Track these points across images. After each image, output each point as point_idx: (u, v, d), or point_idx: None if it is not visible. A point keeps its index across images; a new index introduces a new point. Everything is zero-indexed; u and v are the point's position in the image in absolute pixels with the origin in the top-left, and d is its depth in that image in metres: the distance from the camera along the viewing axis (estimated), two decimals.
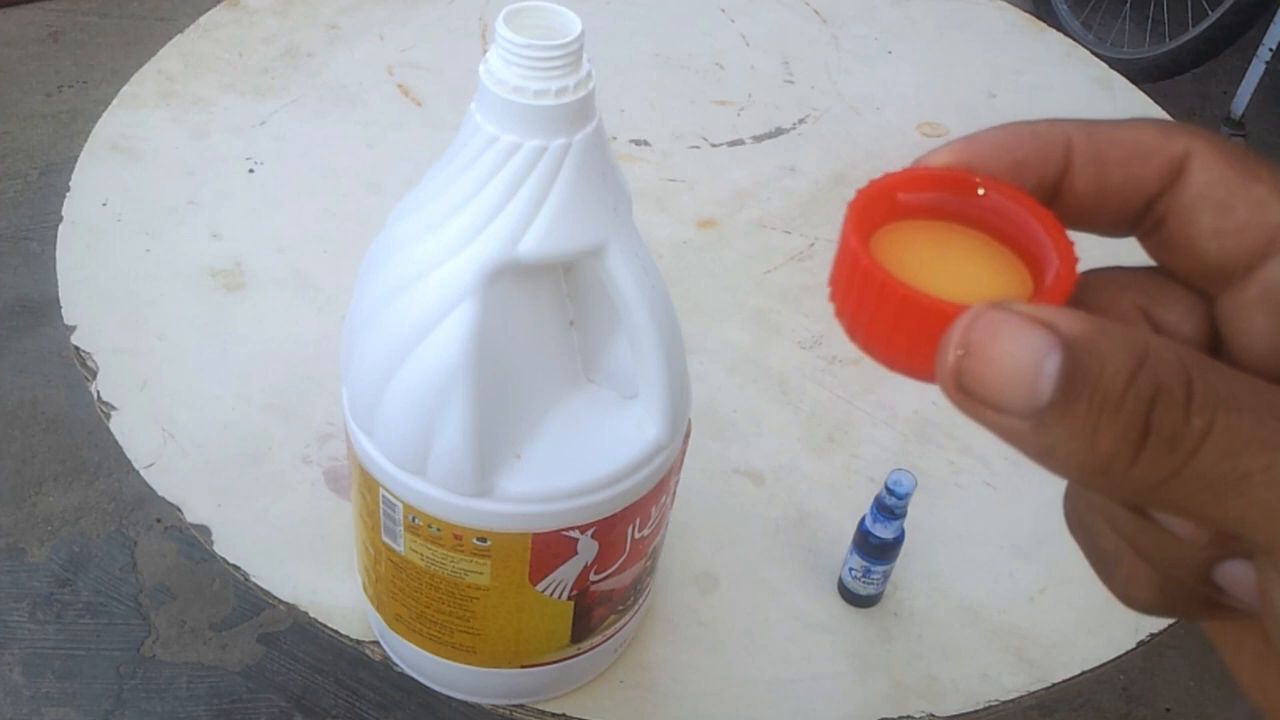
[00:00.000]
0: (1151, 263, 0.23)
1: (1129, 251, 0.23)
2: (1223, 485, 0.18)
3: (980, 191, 0.22)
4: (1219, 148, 0.21)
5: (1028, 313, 0.18)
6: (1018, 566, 0.73)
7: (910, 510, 0.65)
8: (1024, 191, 0.22)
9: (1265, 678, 0.21)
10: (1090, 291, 0.22)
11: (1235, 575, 0.21)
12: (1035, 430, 0.18)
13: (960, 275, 0.22)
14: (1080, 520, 0.23)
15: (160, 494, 0.71)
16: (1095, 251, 0.22)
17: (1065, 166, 0.22)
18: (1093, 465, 0.18)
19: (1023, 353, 0.18)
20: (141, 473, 0.72)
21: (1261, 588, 0.20)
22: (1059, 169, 0.22)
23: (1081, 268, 0.21)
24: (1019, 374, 0.18)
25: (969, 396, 0.19)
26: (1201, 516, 0.19)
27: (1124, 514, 0.22)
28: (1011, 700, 0.66)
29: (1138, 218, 0.22)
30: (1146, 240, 0.23)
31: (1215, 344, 0.22)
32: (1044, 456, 0.19)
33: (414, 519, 0.52)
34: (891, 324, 0.20)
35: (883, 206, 0.22)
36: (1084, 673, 0.68)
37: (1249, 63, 2.13)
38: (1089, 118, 0.23)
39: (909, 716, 0.65)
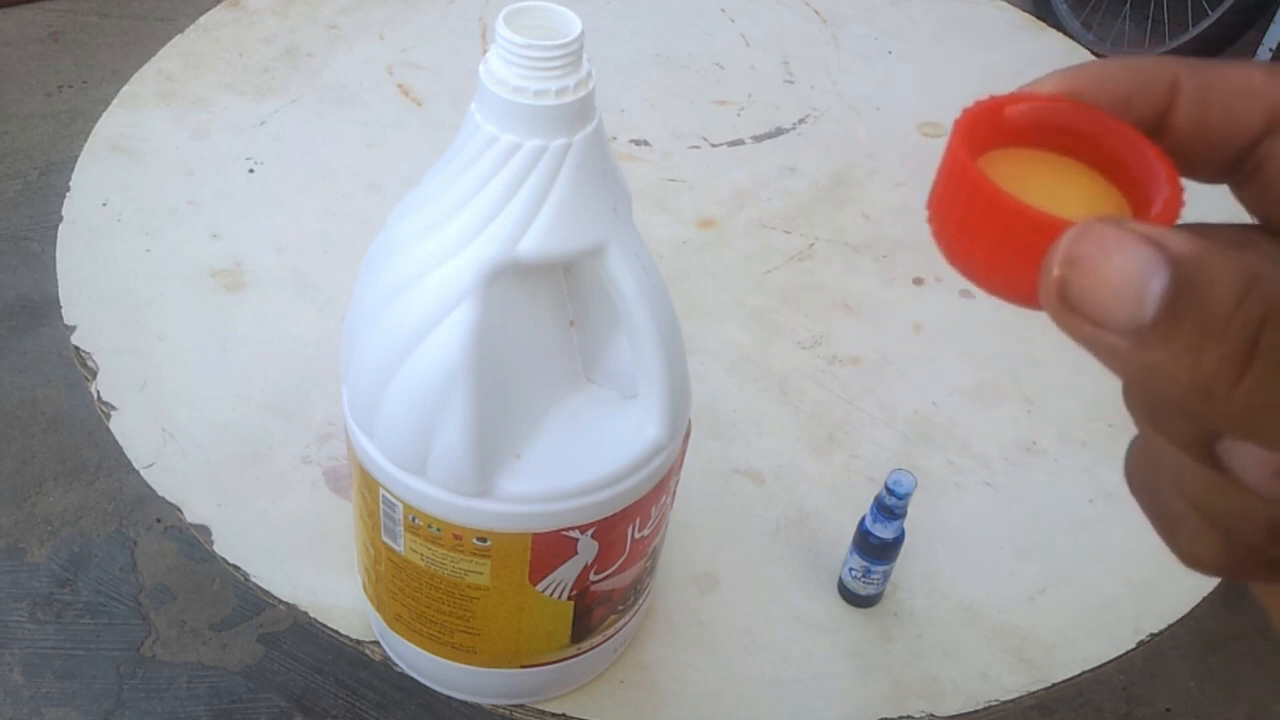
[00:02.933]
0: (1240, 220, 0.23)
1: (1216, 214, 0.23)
2: None
3: (1085, 120, 0.22)
4: None
5: (1138, 229, 0.18)
6: (1018, 566, 0.73)
7: (910, 510, 0.65)
8: (1129, 124, 0.22)
9: None
10: None
11: None
12: (1137, 348, 0.18)
13: (1063, 200, 0.21)
14: (1144, 480, 0.23)
15: (160, 494, 0.71)
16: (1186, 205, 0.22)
17: (1169, 103, 0.22)
18: (1194, 387, 0.18)
19: (1130, 268, 0.18)
20: (141, 473, 0.72)
21: None
22: (1163, 105, 0.22)
23: (1183, 193, 0.21)
24: (1125, 289, 0.18)
25: (1072, 311, 0.19)
26: None
27: (1192, 468, 0.21)
28: (1011, 700, 0.66)
29: (1237, 160, 0.22)
30: (1242, 187, 0.23)
31: None
32: (1145, 377, 0.18)
33: (414, 519, 0.52)
34: (996, 240, 0.20)
35: (988, 128, 0.22)
36: (1084, 673, 0.68)
37: None
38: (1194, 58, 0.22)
39: (909, 716, 0.65)
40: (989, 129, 0.22)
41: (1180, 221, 0.21)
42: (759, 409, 0.81)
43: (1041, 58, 1.21)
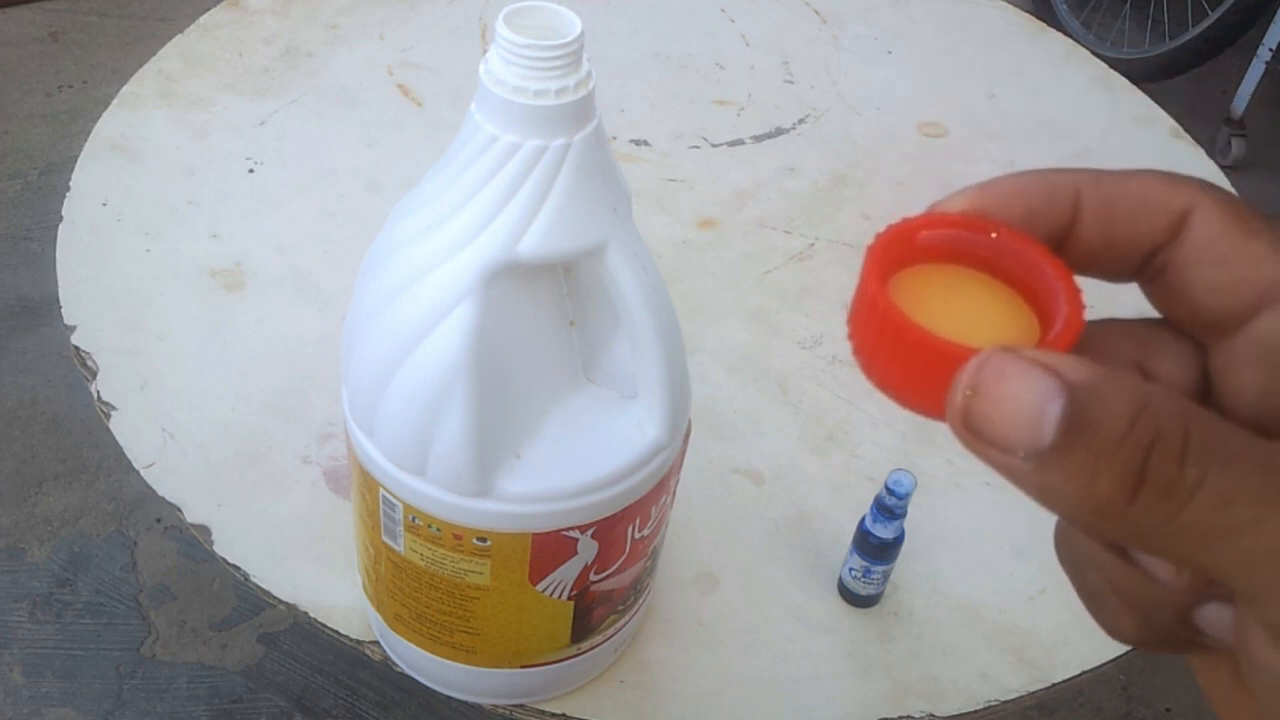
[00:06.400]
0: (1148, 314, 0.24)
1: (1127, 294, 0.24)
2: (1213, 535, 0.19)
3: (993, 236, 0.23)
4: (1221, 203, 0.22)
5: (1034, 358, 0.19)
6: (1018, 566, 0.73)
7: (910, 510, 0.65)
8: (1034, 239, 0.23)
9: (1233, 704, 0.23)
10: (1087, 341, 0.23)
11: (1213, 617, 0.22)
12: (1036, 471, 0.19)
13: (972, 318, 0.23)
14: (1070, 558, 0.24)
15: (160, 494, 0.71)
16: (1096, 293, 0.23)
17: (1074, 216, 0.23)
18: (1089, 507, 0.19)
19: (1028, 396, 0.19)
20: (141, 473, 0.72)
21: (1239, 633, 0.20)
22: (1068, 218, 0.23)
23: (1083, 311, 0.22)
24: (1023, 416, 0.19)
25: (975, 436, 0.20)
26: (1190, 562, 0.19)
27: (1108, 558, 0.23)
28: (1011, 700, 0.66)
29: (1140, 266, 0.23)
30: (1147, 287, 0.24)
31: (1206, 393, 0.23)
32: (1043, 496, 0.19)
33: (414, 519, 0.52)
34: (905, 364, 0.21)
35: (900, 250, 0.23)
36: (1084, 673, 0.68)
37: (1249, 63, 2.13)
38: (1097, 168, 0.23)
39: (909, 716, 0.65)
40: (902, 251, 0.23)
41: (1090, 318, 0.22)
42: (759, 409, 0.81)
43: (1041, 58, 1.21)
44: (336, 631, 0.66)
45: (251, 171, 0.96)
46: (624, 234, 0.47)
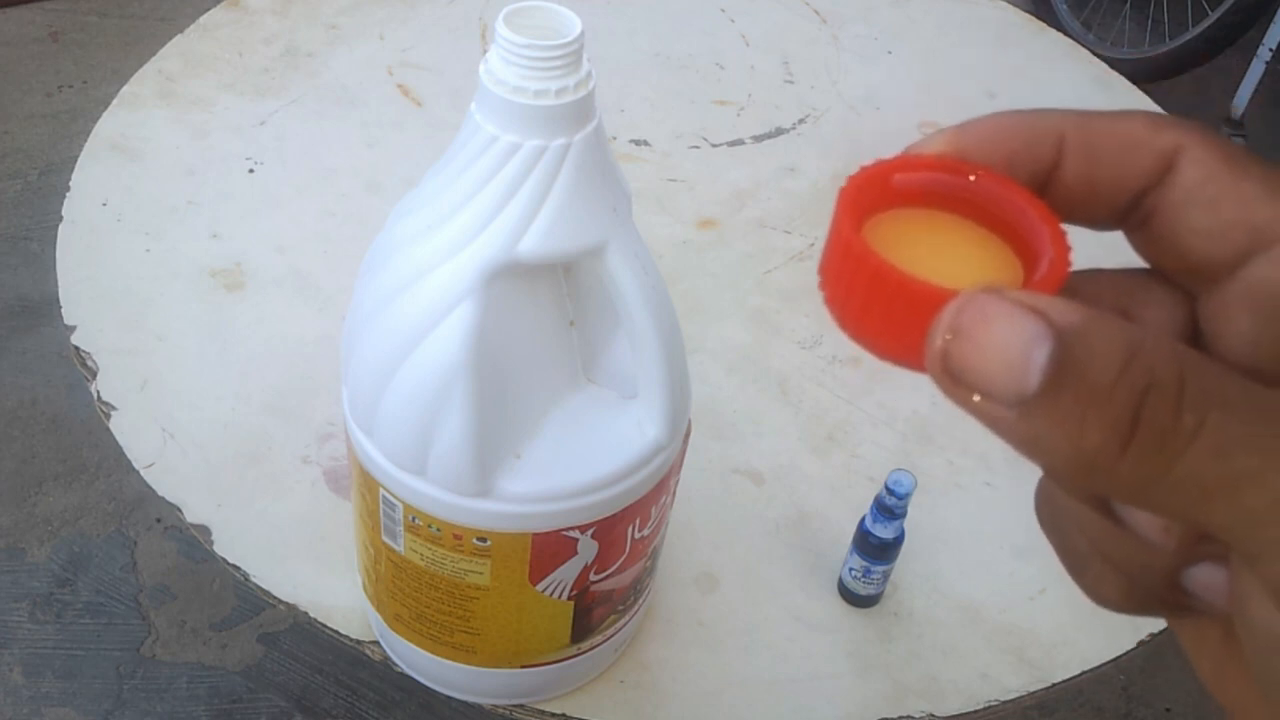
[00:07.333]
0: (1131, 264, 0.23)
1: (1112, 252, 0.23)
2: (1211, 487, 0.17)
3: (972, 179, 0.22)
4: (1210, 143, 0.21)
5: (1020, 299, 0.18)
6: (1018, 566, 0.73)
7: (910, 510, 0.65)
8: (1016, 182, 0.22)
9: (1224, 672, 0.21)
10: (1070, 291, 0.22)
11: (1204, 579, 0.21)
12: (1021, 420, 0.18)
13: (952, 263, 0.22)
14: (1051, 519, 0.23)
15: (160, 494, 0.71)
16: (1078, 249, 0.22)
17: (1057, 158, 0.22)
18: (1077, 459, 0.18)
19: (1013, 339, 0.18)
20: (141, 473, 0.72)
21: (1236, 594, 0.19)
22: (1050, 161, 0.22)
23: (1069, 254, 0.21)
24: (1008, 361, 0.18)
25: (956, 382, 0.18)
26: (1186, 518, 0.18)
27: (1092, 518, 0.21)
28: (1011, 700, 0.66)
29: (1126, 211, 0.22)
30: (1133, 234, 0.23)
31: (1196, 344, 0.22)
32: (1028, 447, 0.18)
33: (414, 519, 0.52)
34: (883, 310, 0.20)
35: (875, 193, 0.22)
36: (1084, 673, 0.68)
37: (1249, 63, 2.13)
38: (1082, 109, 0.22)
39: (909, 716, 0.65)
40: (876, 194, 0.22)
41: (1073, 269, 0.21)
42: (759, 409, 0.81)
43: (1041, 58, 1.21)
44: (336, 631, 0.66)
45: (251, 171, 0.96)
46: (624, 234, 0.47)
